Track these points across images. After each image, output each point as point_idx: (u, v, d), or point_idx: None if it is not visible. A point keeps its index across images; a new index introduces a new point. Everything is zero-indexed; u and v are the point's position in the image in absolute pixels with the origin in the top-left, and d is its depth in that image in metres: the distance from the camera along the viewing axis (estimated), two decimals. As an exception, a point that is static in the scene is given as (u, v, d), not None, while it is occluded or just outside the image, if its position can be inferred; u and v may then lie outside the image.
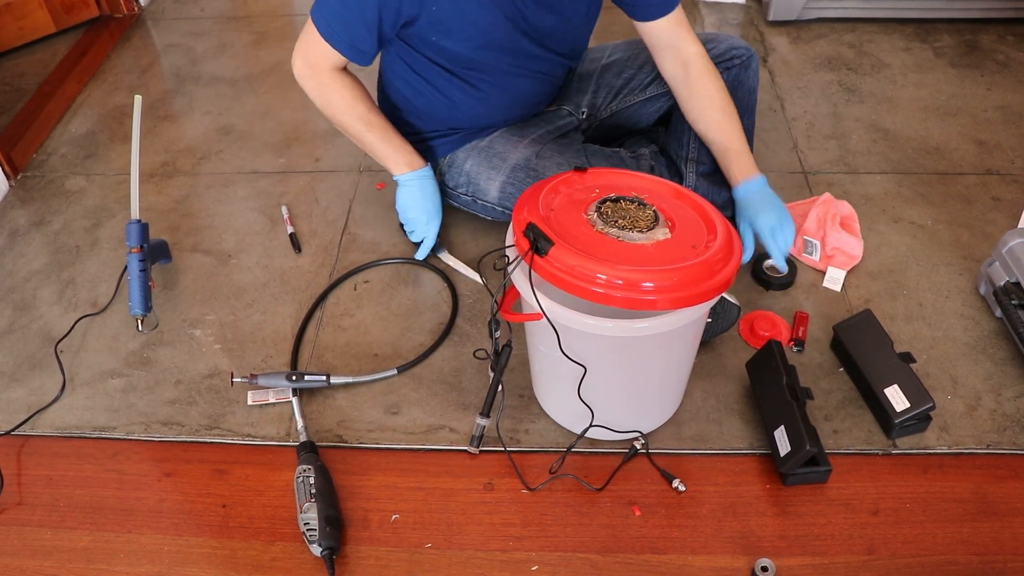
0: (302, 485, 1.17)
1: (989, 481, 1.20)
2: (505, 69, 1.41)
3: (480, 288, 1.52)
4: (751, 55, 1.47)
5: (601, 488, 1.21)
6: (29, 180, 1.88)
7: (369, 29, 1.29)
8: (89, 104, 2.12)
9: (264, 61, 2.26)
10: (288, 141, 1.95)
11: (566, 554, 1.14)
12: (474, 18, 1.29)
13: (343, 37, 1.32)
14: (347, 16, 1.29)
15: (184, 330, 1.49)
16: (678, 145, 1.50)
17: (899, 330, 1.41)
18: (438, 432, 1.30)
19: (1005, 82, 2.01)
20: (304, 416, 1.31)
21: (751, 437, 1.26)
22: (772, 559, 1.11)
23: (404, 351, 1.43)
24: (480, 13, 1.29)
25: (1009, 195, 1.68)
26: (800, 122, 1.91)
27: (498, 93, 1.44)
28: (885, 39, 2.19)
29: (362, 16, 1.28)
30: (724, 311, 1.35)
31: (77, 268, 1.63)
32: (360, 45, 1.32)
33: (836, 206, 1.59)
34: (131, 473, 1.28)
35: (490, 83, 1.42)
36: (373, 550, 1.15)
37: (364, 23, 1.29)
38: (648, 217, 1.10)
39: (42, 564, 1.17)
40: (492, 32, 1.32)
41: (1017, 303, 1.34)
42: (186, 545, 1.18)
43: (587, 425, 1.19)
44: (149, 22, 2.49)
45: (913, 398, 1.22)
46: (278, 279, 1.58)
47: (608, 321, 1.03)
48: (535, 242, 1.04)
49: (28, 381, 1.42)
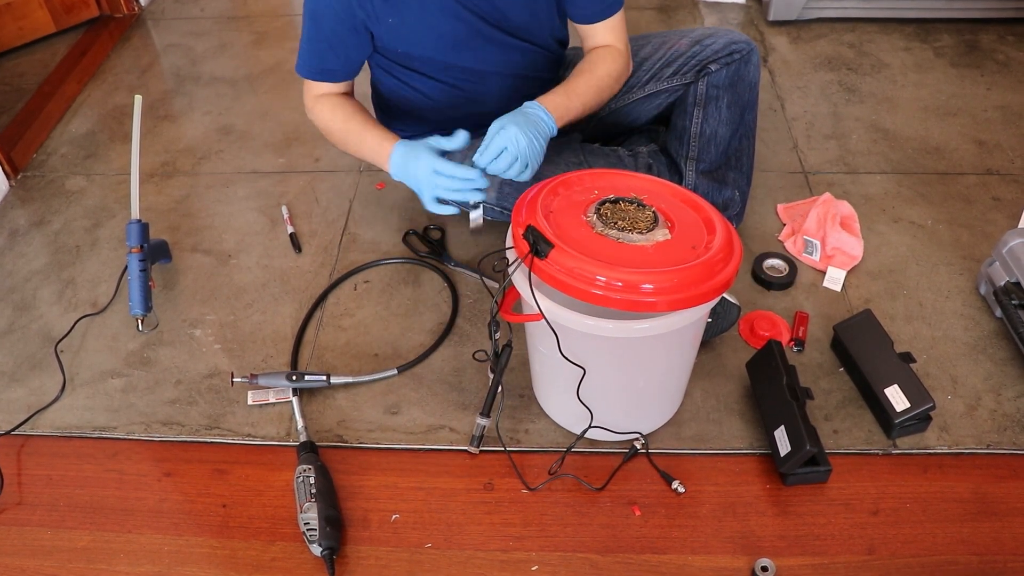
0: (302, 485, 1.17)
1: (989, 481, 1.20)
2: (481, 68, 1.42)
3: (480, 288, 1.52)
4: (751, 49, 1.45)
5: (601, 488, 1.21)
6: (29, 180, 1.88)
7: (332, 47, 1.38)
8: (89, 104, 2.12)
9: (264, 61, 2.26)
10: (288, 141, 1.95)
11: (566, 554, 1.14)
12: (433, 23, 1.32)
13: (313, 65, 1.42)
14: (311, 46, 1.39)
15: (184, 330, 1.49)
16: (679, 143, 1.50)
17: (899, 330, 1.41)
18: (438, 432, 1.30)
19: (1005, 82, 2.01)
20: (304, 416, 1.32)
21: (751, 437, 1.26)
22: (772, 559, 1.11)
23: (404, 351, 1.43)
24: (439, 18, 1.32)
25: (1009, 195, 1.68)
26: (800, 122, 1.91)
27: (480, 91, 1.45)
28: (885, 39, 2.19)
29: (323, 38, 1.37)
30: (724, 311, 1.35)
31: (77, 268, 1.63)
32: (329, 65, 1.41)
33: (836, 206, 1.59)
34: (131, 473, 1.28)
35: (470, 83, 1.43)
36: (373, 550, 1.16)
37: (327, 44, 1.37)
38: (647, 218, 1.10)
39: (42, 564, 1.17)
40: (454, 34, 1.34)
41: (1017, 303, 1.34)
42: (186, 545, 1.18)
43: (587, 426, 1.19)
44: (149, 22, 2.49)
45: (913, 398, 1.22)
46: (278, 279, 1.58)
47: (608, 322, 1.03)
48: (535, 244, 1.03)
49: (28, 381, 1.42)
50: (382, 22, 1.33)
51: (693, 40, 1.48)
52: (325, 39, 1.37)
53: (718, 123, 1.46)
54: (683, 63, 1.47)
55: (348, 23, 1.34)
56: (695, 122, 1.46)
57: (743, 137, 1.50)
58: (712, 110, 1.45)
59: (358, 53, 1.41)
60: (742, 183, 1.53)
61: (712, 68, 1.43)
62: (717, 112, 1.45)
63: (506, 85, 1.47)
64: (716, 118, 1.46)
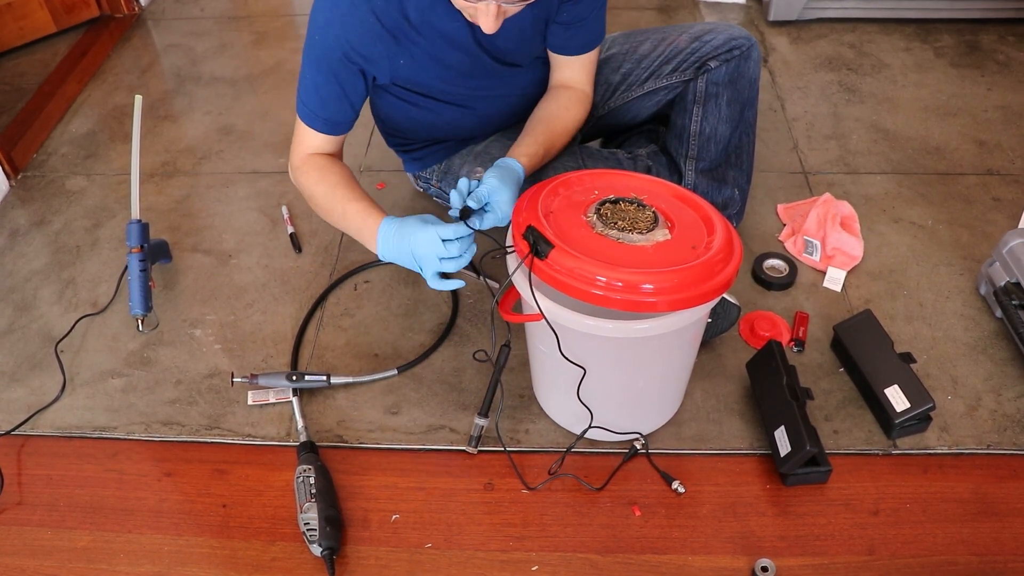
0: (302, 485, 1.17)
1: (989, 481, 1.20)
2: (483, 94, 1.41)
3: (480, 288, 1.52)
4: (751, 44, 1.44)
5: (601, 488, 1.21)
6: (29, 180, 1.88)
7: (336, 95, 1.30)
8: (89, 104, 2.12)
9: (264, 61, 2.26)
10: (288, 141, 1.92)
11: (566, 554, 1.14)
12: (440, 57, 1.30)
13: (318, 112, 1.31)
14: (317, 92, 1.30)
15: (184, 330, 1.49)
16: (678, 142, 1.50)
17: (899, 330, 1.41)
18: (438, 432, 1.30)
19: (1005, 82, 2.01)
20: (304, 416, 1.32)
21: (751, 437, 1.26)
22: (772, 559, 1.11)
23: (404, 351, 1.43)
24: (447, 52, 1.30)
25: (1009, 195, 1.68)
26: (800, 122, 1.91)
27: (484, 108, 1.45)
28: (885, 39, 2.19)
29: (329, 84, 1.28)
30: (724, 311, 1.35)
31: (77, 268, 1.63)
32: (333, 115, 1.32)
33: (836, 206, 1.59)
34: (131, 473, 1.28)
35: (473, 102, 1.42)
36: (373, 550, 1.16)
37: (332, 91, 1.29)
38: (647, 218, 1.10)
39: (42, 564, 1.17)
40: (460, 65, 1.33)
41: (1017, 303, 1.34)
42: (186, 545, 1.18)
43: (587, 426, 1.19)
44: (149, 22, 2.49)
45: (913, 398, 1.22)
46: (278, 279, 1.58)
47: (608, 322, 1.03)
48: (535, 245, 1.03)
49: (28, 381, 1.42)
50: (392, 63, 1.28)
51: (692, 36, 1.46)
52: (331, 84, 1.28)
53: (718, 121, 1.45)
54: (682, 60, 1.45)
55: (353, 68, 1.28)
56: (695, 120, 1.46)
57: (743, 135, 1.50)
58: (712, 107, 1.45)
59: (359, 99, 1.34)
60: (742, 181, 1.53)
61: (712, 65, 1.42)
62: (717, 110, 1.45)
63: (503, 105, 1.47)
64: (716, 116, 1.45)
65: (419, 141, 1.53)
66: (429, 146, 1.53)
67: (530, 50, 1.39)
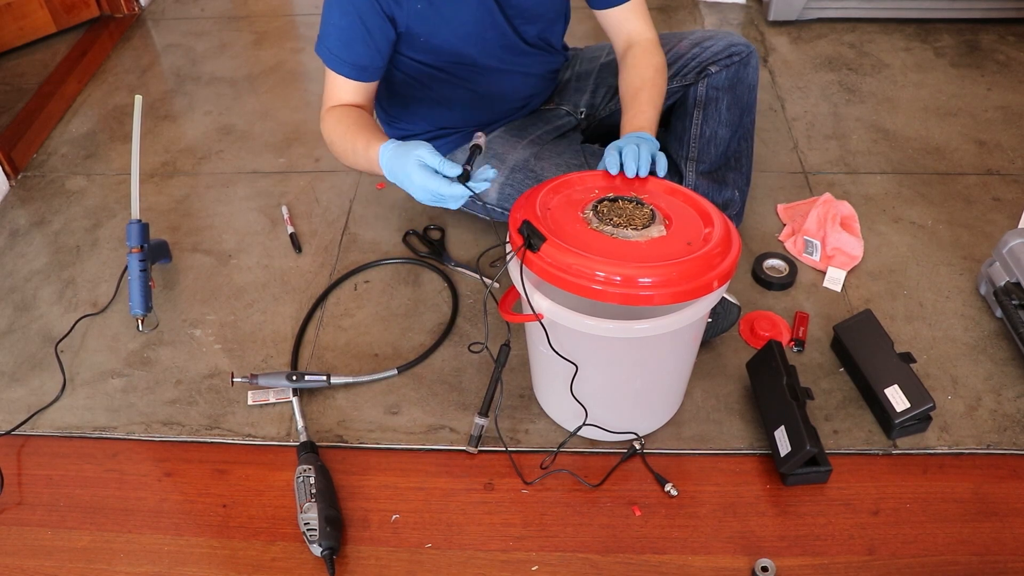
0: (302, 485, 1.17)
1: (989, 481, 1.20)
2: (487, 64, 1.42)
3: (480, 288, 1.52)
4: (750, 52, 1.46)
5: (598, 485, 1.21)
6: (29, 180, 1.88)
7: (363, 37, 1.30)
8: (89, 104, 2.12)
9: (264, 61, 2.26)
10: (288, 141, 1.95)
11: (566, 554, 1.14)
12: (459, 10, 1.31)
13: (344, 57, 1.31)
14: (341, 36, 1.30)
15: (184, 330, 1.49)
16: (678, 144, 1.50)
17: (899, 330, 1.41)
18: (438, 432, 1.30)
19: (1005, 82, 2.01)
20: (304, 416, 1.31)
21: (751, 437, 1.26)
22: (772, 559, 1.11)
23: (404, 351, 1.43)
24: (466, 6, 1.31)
25: (1009, 195, 1.68)
26: (800, 122, 1.91)
27: (484, 87, 1.45)
28: (885, 39, 2.19)
29: (354, 26, 1.29)
30: (724, 311, 1.35)
31: (77, 268, 1.63)
32: (359, 59, 1.32)
33: (836, 206, 1.59)
34: (131, 473, 1.28)
35: (475, 78, 1.43)
36: (373, 550, 1.15)
37: (358, 33, 1.29)
38: (644, 215, 1.10)
39: (42, 564, 1.17)
40: (475, 23, 1.33)
41: (1017, 303, 1.34)
42: (186, 545, 1.18)
43: (580, 423, 1.19)
44: (149, 22, 2.49)
45: (913, 398, 1.22)
46: (278, 279, 1.58)
47: (609, 322, 1.03)
48: (528, 238, 1.04)
49: (28, 381, 1.42)
50: (410, 6, 1.29)
51: (693, 42, 1.48)
52: (356, 27, 1.28)
53: (718, 124, 1.46)
54: (683, 65, 1.47)
55: (377, 7, 1.28)
56: (695, 123, 1.47)
57: (742, 138, 1.51)
58: (712, 111, 1.46)
59: (386, 44, 1.32)
60: (741, 183, 1.53)
61: (712, 70, 1.44)
62: (717, 114, 1.46)
63: (506, 86, 1.47)
64: (716, 119, 1.46)
65: (418, 133, 1.53)
66: (429, 140, 1.53)
67: (551, 3, 1.40)
